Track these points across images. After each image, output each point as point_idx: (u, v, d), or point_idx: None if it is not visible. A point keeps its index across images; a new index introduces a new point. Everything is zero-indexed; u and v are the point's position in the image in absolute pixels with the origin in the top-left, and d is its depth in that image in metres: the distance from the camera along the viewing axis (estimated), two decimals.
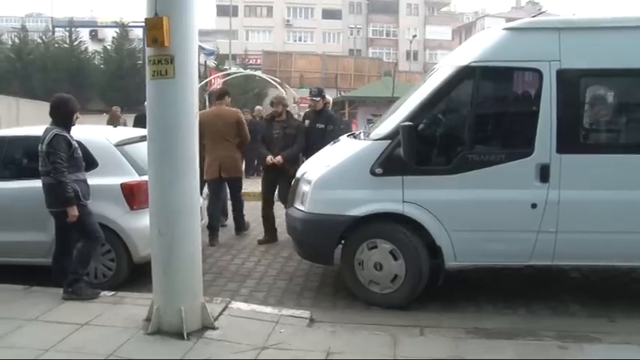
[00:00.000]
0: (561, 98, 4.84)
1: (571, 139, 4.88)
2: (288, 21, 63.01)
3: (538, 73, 4.89)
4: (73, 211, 4.79)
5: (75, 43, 38.20)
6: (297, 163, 7.04)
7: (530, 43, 5.01)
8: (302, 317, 4.63)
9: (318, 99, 7.54)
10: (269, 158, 7.20)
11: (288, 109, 7.82)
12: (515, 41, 5.05)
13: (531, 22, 5.30)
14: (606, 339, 4.31)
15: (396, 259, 5.03)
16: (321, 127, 7.42)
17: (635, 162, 4.86)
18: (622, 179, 4.86)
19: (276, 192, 7.59)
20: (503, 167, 4.88)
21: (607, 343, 4.25)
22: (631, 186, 4.83)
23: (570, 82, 4.88)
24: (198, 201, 4.32)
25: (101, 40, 41.48)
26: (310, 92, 7.81)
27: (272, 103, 7.58)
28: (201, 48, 25.59)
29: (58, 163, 4.75)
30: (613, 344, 4.22)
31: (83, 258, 4.98)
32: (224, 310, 4.65)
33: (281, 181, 7.30)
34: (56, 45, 38.21)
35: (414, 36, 56.16)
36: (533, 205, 4.87)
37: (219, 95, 7.81)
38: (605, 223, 4.86)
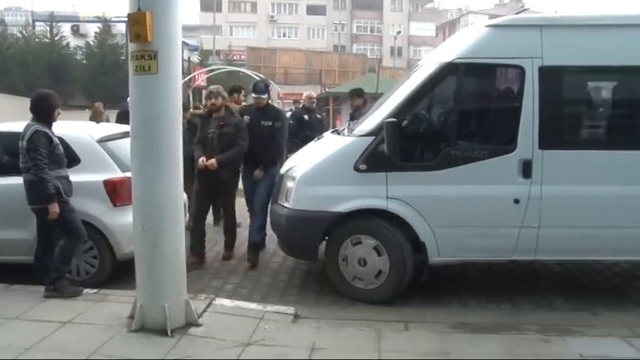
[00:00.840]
0: (543, 95, 4.89)
1: (553, 135, 4.93)
2: (272, 17, 62.80)
3: (520, 69, 4.93)
4: (54, 208, 4.73)
5: (56, 38, 37.69)
6: (237, 172, 6.53)
7: (513, 40, 5.05)
8: (286, 313, 4.63)
9: (265, 96, 6.59)
10: (201, 160, 6.03)
11: (227, 103, 6.78)
12: (498, 38, 5.08)
13: (514, 20, 5.33)
14: (588, 332, 4.37)
15: (380, 254, 5.05)
16: (268, 124, 6.46)
17: (616, 157, 4.92)
18: (603, 175, 4.92)
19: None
20: (487, 163, 4.91)
21: (589, 335, 4.30)
22: (612, 181, 4.90)
23: (552, 78, 4.92)
24: (181, 198, 4.30)
25: (83, 35, 40.98)
26: (255, 87, 6.70)
27: (209, 95, 6.34)
28: (184, 44, 25.41)
29: (39, 159, 4.69)
30: (595, 337, 4.27)
31: (65, 255, 4.92)
32: (208, 306, 4.63)
33: (219, 192, 6.36)
34: (37, 40, 37.68)
35: (399, 32, 56.27)
36: (516, 201, 4.91)
37: (228, 92, 7.58)
38: (587, 218, 4.92)
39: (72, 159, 5.28)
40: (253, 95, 6.60)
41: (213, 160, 5.99)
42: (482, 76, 5.27)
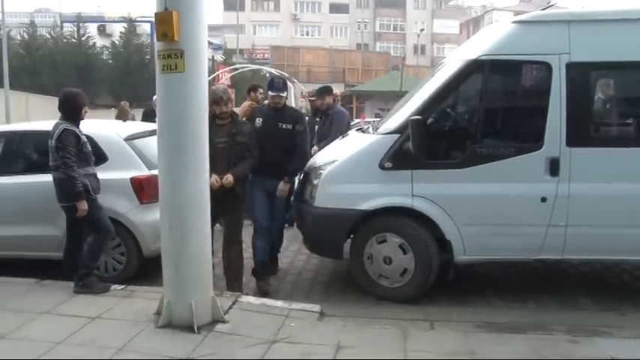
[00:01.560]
0: (571, 91, 4.82)
1: (580, 133, 4.86)
2: (295, 15, 62.88)
3: (547, 66, 4.87)
4: (83, 206, 4.81)
5: (83, 39, 38.21)
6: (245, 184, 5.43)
7: (540, 37, 4.98)
8: (312, 311, 4.64)
9: (284, 94, 5.63)
10: (214, 179, 4.86)
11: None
12: (524, 34, 5.02)
13: (540, 15, 5.27)
14: (617, 333, 4.29)
15: (405, 253, 5.03)
16: (287, 127, 5.47)
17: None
18: (632, 172, 4.83)
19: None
20: (513, 161, 4.86)
21: (618, 337, 4.22)
22: None
23: (580, 75, 4.85)
24: (208, 196, 4.33)
25: (109, 35, 41.52)
26: (273, 84, 5.62)
27: (218, 100, 5.10)
28: (209, 42, 25.62)
29: (67, 157, 4.78)
30: (625, 339, 4.19)
31: (94, 252, 5.01)
32: (234, 303, 4.66)
33: (227, 211, 5.22)
34: (64, 40, 38.26)
35: (422, 30, 55.85)
36: (543, 199, 4.85)
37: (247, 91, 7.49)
38: (615, 217, 4.83)
39: (100, 157, 5.36)
40: (271, 93, 5.56)
41: (230, 177, 5.01)
42: (509, 73, 5.21)
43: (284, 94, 5.63)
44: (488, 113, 5.07)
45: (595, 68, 4.94)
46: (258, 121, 5.54)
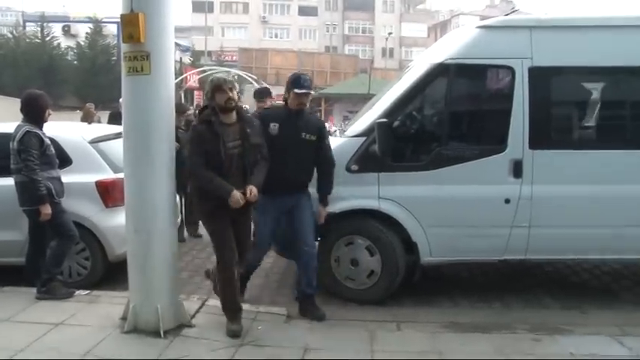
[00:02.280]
0: (533, 95, 4.93)
1: (543, 135, 4.97)
2: (264, 17, 62.73)
3: (511, 70, 4.97)
4: (46, 210, 4.72)
5: (47, 39, 37.50)
6: None
7: (503, 41, 5.08)
8: (279, 314, 4.65)
9: (312, 93, 5.13)
10: (238, 197, 4.02)
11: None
12: (488, 39, 5.11)
13: (504, 21, 5.37)
14: (578, 330, 4.41)
15: (372, 255, 5.06)
16: (311, 138, 4.63)
17: (605, 157, 4.97)
18: (593, 174, 4.96)
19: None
20: (478, 163, 4.95)
21: (579, 334, 4.34)
22: (602, 181, 4.93)
23: (541, 79, 4.96)
24: (174, 199, 4.30)
25: (74, 36, 40.78)
26: (299, 80, 4.62)
27: (220, 86, 4.10)
28: (176, 44, 25.40)
29: (30, 160, 4.68)
30: (585, 335, 4.31)
31: (57, 257, 4.92)
32: (201, 307, 4.64)
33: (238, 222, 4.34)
34: (27, 40, 37.48)
35: (390, 33, 56.40)
36: (507, 201, 4.94)
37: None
38: (577, 218, 4.96)
39: (64, 160, 5.27)
40: (297, 91, 4.51)
41: (255, 190, 4.11)
42: (473, 77, 5.29)
43: (313, 92, 5.11)
44: (453, 116, 5.15)
45: (556, 73, 5.06)
46: (274, 126, 4.55)
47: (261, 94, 7.40)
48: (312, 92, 4.80)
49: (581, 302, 5.17)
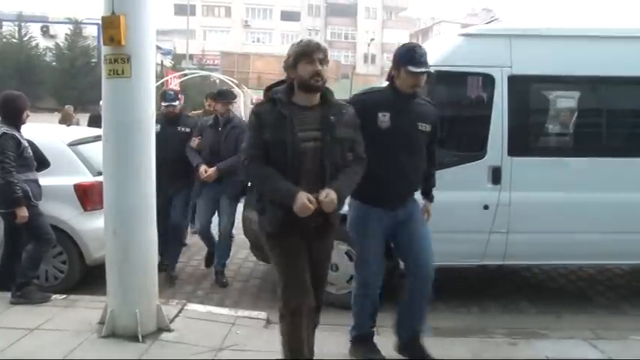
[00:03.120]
0: (512, 103, 4.99)
1: (522, 143, 5.04)
2: (246, 22, 62.72)
3: (490, 78, 5.03)
4: (22, 212, 4.66)
5: (24, 39, 37.00)
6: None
7: (483, 49, 5.15)
8: (259, 318, 4.63)
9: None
10: (305, 199, 2.97)
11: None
12: (469, 47, 5.18)
13: (484, 29, 5.45)
14: (553, 334, 4.49)
15: (351, 260, 5.07)
16: (426, 129, 3.73)
17: (582, 165, 5.06)
18: (570, 181, 5.04)
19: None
20: (457, 169, 4.99)
21: (554, 338, 4.42)
22: (579, 188, 5.02)
23: (521, 87, 5.04)
24: (154, 202, 4.26)
25: (53, 37, 40.27)
26: (414, 57, 3.58)
27: (304, 56, 3.07)
28: (157, 47, 25.22)
29: (6, 162, 4.61)
30: (560, 339, 4.38)
31: (33, 261, 4.85)
32: (180, 312, 4.60)
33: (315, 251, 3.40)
34: (4, 40, 36.95)
35: (372, 39, 56.71)
36: (486, 207, 5.00)
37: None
38: (554, 224, 5.03)
39: (41, 162, 5.19)
40: (411, 69, 3.55)
41: (333, 195, 3.01)
42: (454, 84, 5.34)
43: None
44: None
45: (535, 81, 5.14)
46: (383, 117, 3.58)
47: (227, 96, 6.08)
48: (431, 70, 3.63)
49: (557, 307, 5.25)
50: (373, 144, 3.40)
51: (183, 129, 5.98)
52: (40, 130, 5.93)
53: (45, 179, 5.05)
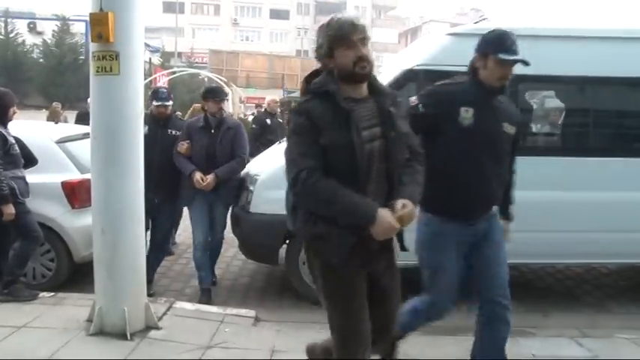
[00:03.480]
0: None
1: None
2: (235, 20, 62.55)
3: None
4: (9, 210, 4.62)
5: (11, 35, 36.66)
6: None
7: (472, 48, 5.15)
8: (247, 316, 4.63)
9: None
10: (391, 219, 2.45)
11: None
12: (457, 46, 5.19)
13: (473, 29, 5.46)
14: (540, 333, 4.54)
15: None
16: (510, 131, 3.44)
17: (569, 164, 5.11)
18: (557, 180, 5.09)
19: None
20: None
21: (541, 336, 4.46)
22: (565, 187, 5.07)
23: (509, 87, 5.05)
24: (142, 201, 4.25)
25: (40, 33, 39.90)
26: (506, 44, 3.33)
27: (340, 41, 2.52)
28: (146, 45, 25.09)
29: None
30: (546, 337, 4.43)
31: (20, 258, 4.82)
32: (168, 309, 4.60)
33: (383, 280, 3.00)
34: None
35: None
36: None
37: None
38: (541, 223, 5.06)
39: (29, 160, 5.15)
40: (502, 57, 3.26)
41: (411, 206, 2.55)
42: None
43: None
44: None
45: (521, 80, 5.16)
46: (466, 113, 3.08)
47: (218, 93, 5.51)
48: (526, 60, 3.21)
49: (544, 305, 5.30)
50: (451, 143, 3.01)
51: (173, 132, 5.40)
52: (28, 127, 5.89)
53: (33, 176, 5.02)
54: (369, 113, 2.52)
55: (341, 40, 2.47)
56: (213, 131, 5.28)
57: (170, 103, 5.52)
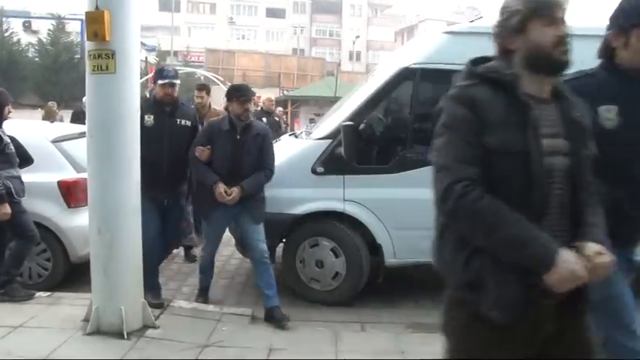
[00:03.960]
0: None
1: None
2: (231, 18, 62.41)
3: None
4: (5, 209, 4.61)
5: (6, 34, 36.49)
6: None
7: (468, 47, 5.11)
8: (244, 315, 4.64)
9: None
10: (580, 266, 1.72)
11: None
12: (453, 44, 5.21)
13: (469, 27, 5.48)
14: None
15: (337, 256, 5.11)
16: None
17: None
18: None
19: None
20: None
21: None
22: None
23: None
24: (138, 199, 4.25)
25: (35, 32, 39.71)
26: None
27: (540, 13, 1.89)
28: (142, 43, 25.04)
29: None
30: None
31: (16, 258, 4.81)
32: (165, 309, 4.60)
33: None
34: None
35: (357, 37, 56.70)
36: None
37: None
38: None
39: (25, 159, 5.14)
40: None
41: (603, 254, 1.82)
42: (438, 81, 5.34)
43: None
44: (418, 120, 5.22)
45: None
46: (608, 111, 2.36)
47: (245, 92, 4.80)
48: None
49: None
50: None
51: (183, 122, 4.82)
52: (24, 126, 5.88)
53: (28, 176, 5.00)
54: (552, 119, 1.88)
55: (542, 12, 1.87)
56: (239, 137, 4.67)
57: (178, 81, 4.87)
